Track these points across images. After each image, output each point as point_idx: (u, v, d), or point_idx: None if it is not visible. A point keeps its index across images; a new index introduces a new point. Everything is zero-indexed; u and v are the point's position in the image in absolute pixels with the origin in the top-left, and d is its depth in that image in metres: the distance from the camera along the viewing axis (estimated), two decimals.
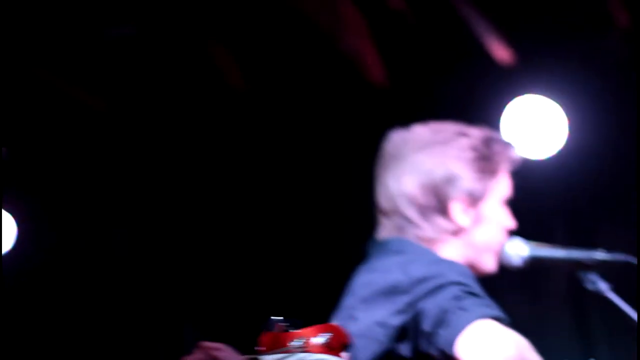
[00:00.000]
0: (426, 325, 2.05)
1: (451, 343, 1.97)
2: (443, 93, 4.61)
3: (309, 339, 1.53)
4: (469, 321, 1.97)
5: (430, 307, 2.05)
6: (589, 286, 2.52)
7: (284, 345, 1.53)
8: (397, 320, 2.11)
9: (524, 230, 2.72)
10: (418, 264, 2.18)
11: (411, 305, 2.10)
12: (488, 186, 2.41)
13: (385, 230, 2.42)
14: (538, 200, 5.02)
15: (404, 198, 2.36)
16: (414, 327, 2.09)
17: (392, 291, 2.14)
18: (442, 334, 2.01)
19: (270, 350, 1.53)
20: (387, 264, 2.24)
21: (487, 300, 2.07)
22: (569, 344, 5.31)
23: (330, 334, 1.55)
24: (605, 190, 5.22)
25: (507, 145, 2.48)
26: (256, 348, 1.56)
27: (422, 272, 2.14)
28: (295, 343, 1.53)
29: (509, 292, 5.26)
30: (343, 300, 2.28)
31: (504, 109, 4.59)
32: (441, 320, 2.02)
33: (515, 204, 2.60)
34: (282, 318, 1.56)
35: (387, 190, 2.40)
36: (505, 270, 4.97)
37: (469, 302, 2.03)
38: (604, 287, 2.52)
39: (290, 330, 1.55)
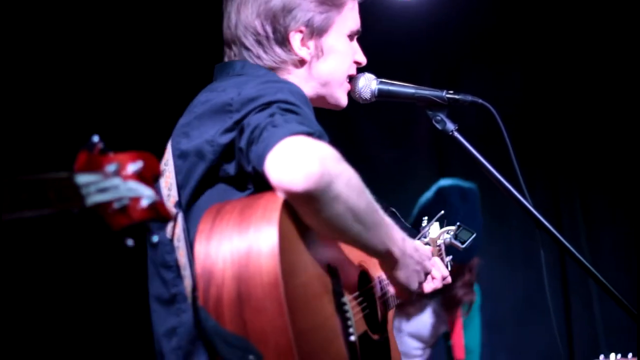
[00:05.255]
0: (242, 142, 2.06)
1: (261, 159, 1.97)
2: None
3: (124, 165, 1.51)
4: (278, 138, 1.96)
5: (251, 123, 2.05)
6: (437, 125, 2.55)
7: (100, 168, 1.49)
8: (224, 139, 2.11)
9: (390, 69, 2.71)
10: (252, 84, 2.16)
11: (238, 123, 2.09)
12: (331, 18, 2.38)
13: (229, 59, 2.41)
14: (404, 41, 5.05)
15: (243, 27, 2.35)
16: (237, 145, 2.09)
17: (223, 110, 2.13)
18: (254, 149, 2.01)
19: (86, 171, 1.48)
20: (225, 84, 2.23)
21: (304, 118, 2.06)
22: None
23: (143, 162, 1.53)
24: (468, 34, 5.29)
25: None
26: (74, 167, 1.52)
27: (254, 91, 2.12)
28: (110, 167, 1.50)
29: (376, 139, 5.36)
30: (181, 118, 2.27)
31: None
32: (254, 137, 2.02)
33: (382, 46, 2.58)
34: (99, 139, 1.52)
35: (230, 20, 2.38)
36: (374, 118, 5.09)
37: (282, 118, 2.02)
38: (451, 126, 2.55)
39: (108, 153, 1.52)
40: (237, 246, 1.95)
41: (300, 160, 1.91)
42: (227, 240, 1.96)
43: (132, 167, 1.51)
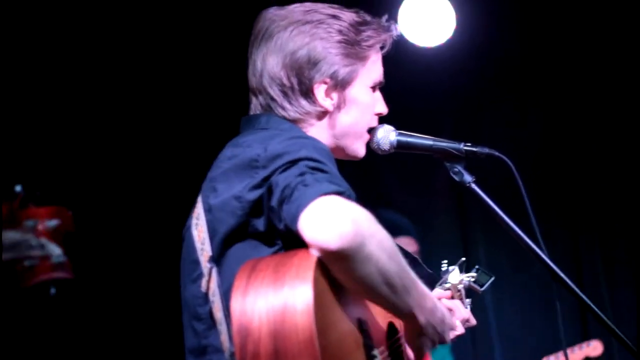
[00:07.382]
0: (273, 201, 2.09)
1: (294, 218, 2.01)
2: None
3: (42, 221, 1.54)
4: (310, 197, 1.99)
5: (279, 182, 2.09)
6: (455, 177, 2.57)
7: (19, 223, 1.53)
8: (252, 195, 2.14)
9: (409, 116, 2.70)
10: (278, 140, 2.19)
11: (266, 180, 2.13)
12: (355, 71, 2.41)
13: (255, 109, 2.44)
14: (424, 87, 5.11)
15: (268, 77, 2.37)
16: (267, 202, 2.13)
17: (250, 165, 2.16)
18: (286, 209, 2.04)
19: (6, 224, 1.52)
20: (251, 139, 2.26)
21: (333, 177, 2.10)
22: (453, 239, 5.47)
23: (59, 220, 1.56)
24: (487, 78, 5.34)
25: (380, 30, 2.45)
26: None
27: (280, 147, 2.15)
28: (28, 223, 1.54)
29: (399, 189, 5.38)
30: (209, 172, 2.30)
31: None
32: (285, 196, 2.05)
33: (401, 93, 2.59)
34: (21, 189, 1.55)
35: (255, 68, 2.40)
36: (395, 166, 5.12)
37: (313, 178, 2.05)
38: (468, 178, 2.56)
39: (29, 206, 1.55)
40: (273, 303, 1.98)
41: (334, 220, 1.95)
42: (262, 297, 1.99)
43: (49, 224, 1.54)
